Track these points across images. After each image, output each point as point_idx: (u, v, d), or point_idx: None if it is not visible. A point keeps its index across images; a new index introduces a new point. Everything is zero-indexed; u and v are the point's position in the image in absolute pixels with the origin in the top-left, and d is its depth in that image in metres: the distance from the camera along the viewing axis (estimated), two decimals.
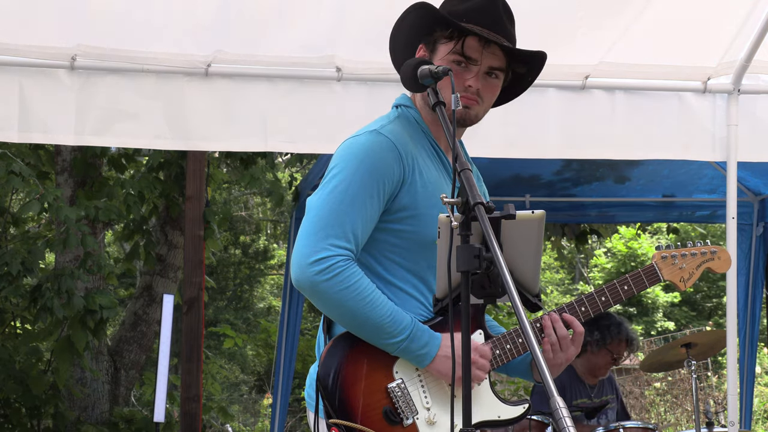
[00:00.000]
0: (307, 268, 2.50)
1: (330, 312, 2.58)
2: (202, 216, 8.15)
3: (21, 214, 8.51)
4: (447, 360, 2.56)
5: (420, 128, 2.73)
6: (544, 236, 2.46)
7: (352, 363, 2.58)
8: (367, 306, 2.52)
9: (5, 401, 8.62)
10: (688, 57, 4.55)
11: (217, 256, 15.50)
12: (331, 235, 2.52)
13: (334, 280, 2.49)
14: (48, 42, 4.19)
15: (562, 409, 1.92)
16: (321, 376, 2.56)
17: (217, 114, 4.41)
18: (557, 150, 4.73)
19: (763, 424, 14.65)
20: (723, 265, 2.93)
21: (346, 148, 2.65)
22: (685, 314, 22.65)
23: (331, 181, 2.60)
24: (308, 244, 2.52)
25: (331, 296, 2.51)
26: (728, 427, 4.57)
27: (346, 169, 2.59)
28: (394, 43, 2.82)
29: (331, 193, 2.57)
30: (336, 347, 2.60)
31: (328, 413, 2.55)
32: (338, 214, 2.54)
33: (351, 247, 2.54)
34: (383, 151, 2.59)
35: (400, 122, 2.70)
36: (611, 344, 5.86)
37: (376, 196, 2.57)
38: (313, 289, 2.51)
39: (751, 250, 7.33)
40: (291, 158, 9.21)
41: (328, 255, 2.50)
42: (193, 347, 7.96)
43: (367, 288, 2.53)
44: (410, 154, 2.63)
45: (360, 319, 2.53)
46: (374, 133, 2.63)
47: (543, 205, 7.63)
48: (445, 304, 2.37)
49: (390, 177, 2.58)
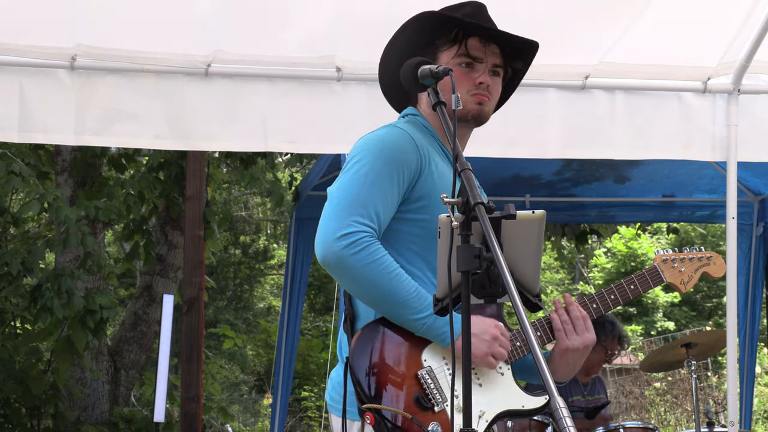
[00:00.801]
0: (334, 243, 2.53)
1: (356, 286, 2.58)
2: (202, 216, 8.15)
3: (21, 214, 8.51)
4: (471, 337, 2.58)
5: (429, 132, 2.81)
6: (544, 236, 2.46)
7: (381, 351, 2.60)
8: (393, 280, 2.54)
9: (5, 401, 8.62)
10: (688, 57, 4.55)
11: (217, 256, 15.50)
12: (355, 213, 2.56)
13: (361, 254, 2.52)
14: (48, 42, 4.19)
15: (562, 409, 1.92)
16: (352, 364, 2.58)
17: (217, 114, 4.40)
18: (557, 150, 4.73)
19: (763, 424, 14.65)
20: (718, 270, 3.10)
21: (364, 141, 2.72)
22: (685, 314, 22.64)
23: (352, 168, 2.65)
24: (333, 222, 2.56)
25: (358, 270, 2.53)
26: (728, 427, 4.57)
27: (366, 157, 2.65)
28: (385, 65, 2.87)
29: (353, 177, 2.62)
30: (364, 337, 2.62)
31: (360, 399, 2.56)
32: (360, 195, 2.59)
33: (374, 225, 2.58)
34: (401, 141, 2.67)
35: (411, 125, 2.79)
36: (605, 341, 6.01)
37: (396, 182, 2.63)
38: (340, 264, 2.53)
39: (751, 250, 7.34)
40: (291, 158, 9.22)
41: (354, 230, 2.54)
42: (193, 347, 7.96)
43: (392, 263, 2.56)
44: (425, 147, 2.71)
45: (386, 293, 2.55)
46: (391, 127, 2.73)
47: (543, 205, 7.63)
48: (445, 304, 2.37)
49: (408, 165, 2.65)
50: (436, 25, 2.79)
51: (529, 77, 4.55)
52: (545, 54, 4.48)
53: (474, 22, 2.76)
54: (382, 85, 2.93)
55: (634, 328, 21.40)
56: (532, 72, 4.55)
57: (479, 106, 2.78)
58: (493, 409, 2.64)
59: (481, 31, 2.79)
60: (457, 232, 2.18)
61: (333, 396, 2.68)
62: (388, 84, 2.91)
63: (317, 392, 13.48)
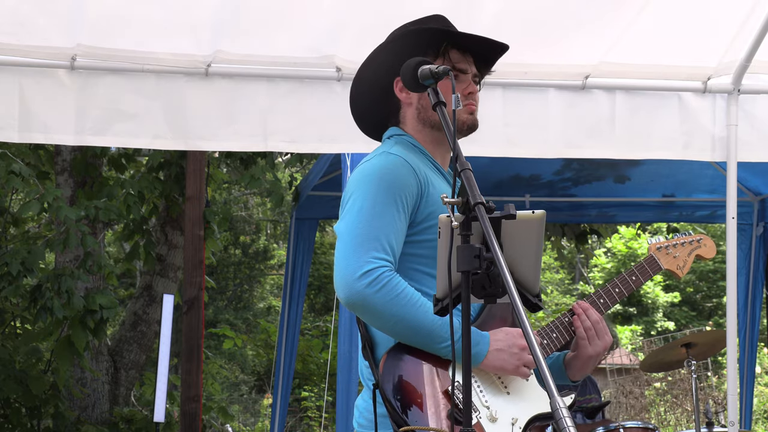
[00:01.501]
0: (356, 283, 2.54)
1: (383, 323, 2.60)
2: (202, 216, 8.15)
3: (21, 214, 8.51)
4: (499, 353, 2.64)
5: (418, 150, 2.81)
6: (544, 236, 2.46)
7: (409, 373, 2.62)
8: (418, 312, 2.56)
9: (5, 401, 8.62)
10: (688, 57, 4.55)
11: (217, 256, 15.50)
12: (370, 249, 2.57)
13: (383, 290, 2.54)
14: (48, 42, 4.18)
15: (562, 409, 1.92)
16: (383, 390, 2.60)
17: (217, 114, 4.40)
18: (557, 150, 4.73)
19: (763, 424, 14.66)
20: (709, 251, 3.18)
21: (359, 174, 2.72)
22: (685, 314, 22.65)
23: (354, 204, 2.66)
24: (351, 262, 2.57)
25: (384, 306, 2.54)
26: (728, 427, 4.57)
27: (366, 190, 2.65)
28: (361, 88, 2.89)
29: (359, 213, 2.63)
30: (390, 362, 2.64)
31: (396, 422, 2.59)
32: (371, 230, 2.60)
33: (390, 258, 2.60)
34: (398, 167, 2.67)
35: (401, 146, 2.79)
36: None
37: (401, 210, 2.64)
38: (365, 303, 2.55)
39: (751, 250, 7.34)
40: (291, 158, 9.22)
41: (373, 267, 2.55)
42: (193, 347, 7.97)
43: (414, 294, 2.58)
44: (420, 169, 2.72)
45: (413, 326, 2.57)
46: (384, 155, 2.72)
47: (543, 205, 7.63)
48: (445, 304, 2.37)
49: (409, 190, 2.66)
50: (422, 41, 2.80)
51: (529, 77, 4.60)
52: (545, 54, 4.52)
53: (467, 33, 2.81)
54: (357, 111, 2.94)
55: (634, 328, 21.40)
56: (532, 72, 4.59)
57: (471, 116, 2.82)
58: (525, 415, 2.67)
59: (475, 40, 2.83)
60: (457, 232, 2.18)
61: (362, 422, 2.70)
62: (364, 106, 2.92)
63: (317, 392, 13.48)
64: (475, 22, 4.24)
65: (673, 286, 23.33)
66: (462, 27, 2.97)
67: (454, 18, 4.33)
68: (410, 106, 2.84)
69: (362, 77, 2.90)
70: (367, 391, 2.72)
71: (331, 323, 9.99)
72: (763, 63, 4.53)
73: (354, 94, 2.93)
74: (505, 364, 2.63)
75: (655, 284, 22.78)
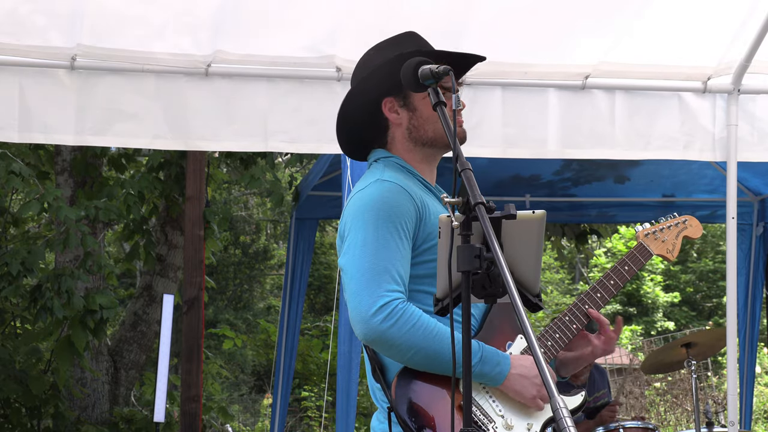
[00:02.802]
0: (371, 320, 2.55)
1: (402, 356, 2.61)
2: (202, 216, 8.15)
3: (21, 214, 8.51)
4: (521, 378, 2.65)
5: (407, 171, 2.81)
6: (544, 236, 2.46)
7: (422, 392, 2.63)
8: (435, 339, 2.57)
9: (5, 401, 8.62)
10: (688, 57, 4.55)
11: (217, 256, 15.50)
12: (382, 282, 2.58)
13: (399, 323, 2.55)
14: (48, 42, 4.18)
15: (562, 409, 1.92)
16: (398, 411, 2.61)
17: (217, 114, 4.40)
18: (557, 150, 4.73)
19: (763, 424, 14.65)
20: (695, 231, 3.21)
21: (356, 205, 2.71)
22: (685, 314, 22.65)
23: (357, 237, 2.65)
24: (364, 299, 2.57)
25: (401, 339, 2.56)
26: (728, 427, 4.57)
27: (366, 222, 2.65)
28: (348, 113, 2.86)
29: (363, 247, 2.63)
30: (402, 382, 2.65)
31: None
32: (378, 262, 2.60)
33: (401, 288, 2.61)
34: (394, 194, 2.67)
35: (392, 170, 2.78)
36: None
37: (404, 237, 2.65)
38: (383, 338, 2.56)
39: (751, 250, 7.34)
40: (291, 158, 9.21)
41: (387, 301, 2.56)
42: (193, 347, 7.97)
43: (429, 322, 2.58)
44: (415, 193, 2.73)
45: (432, 355, 2.58)
46: (378, 183, 2.71)
47: (543, 205, 7.63)
48: (445, 304, 2.37)
49: (408, 216, 2.66)
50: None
51: (529, 77, 4.60)
52: (545, 54, 4.52)
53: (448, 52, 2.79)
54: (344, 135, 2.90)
55: (634, 328, 21.40)
56: (532, 72, 4.59)
57: (461, 128, 2.79)
58: (540, 420, 2.68)
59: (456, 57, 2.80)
60: (458, 232, 2.18)
61: None
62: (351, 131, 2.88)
63: (317, 392, 13.48)
64: (475, 21, 4.25)
65: (673, 286, 23.33)
66: (462, 26, 2.97)
67: (453, 16, 4.35)
68: (399, 127, 2.82)
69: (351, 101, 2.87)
70: (381, 413, 2.72)
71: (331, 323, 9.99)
72: (763, 63, 4.54)
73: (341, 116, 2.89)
74: (525, 391, 2.64)
75: (655, 284, 22.78)
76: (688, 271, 23.71)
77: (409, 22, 4.03)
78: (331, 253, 19.06)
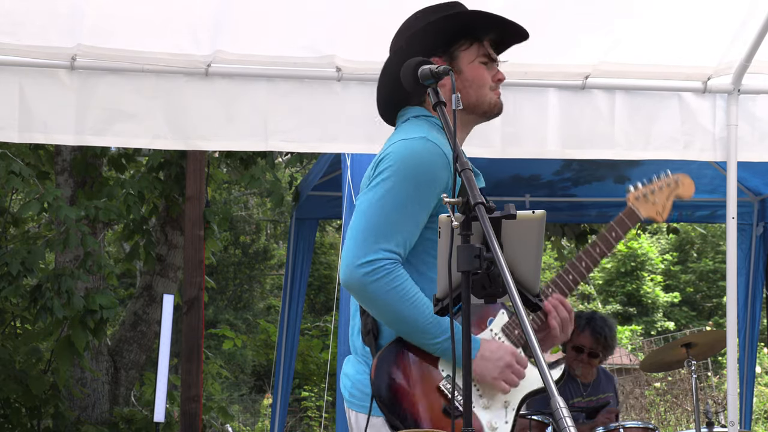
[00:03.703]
0: (356, 270, 2.61)
1: (377, 311, 2.68)
2: (202, 216, 8.15)
3: (21, 214, 8.51)
4: (483, 361, 2.69)
5: (444, 134, 2.79)
6: (544, 236, 2.47)
7: (401, 373, 2.68)
8: (411, 307, 2.62)
9: (5, 401, 8.62)
10: (688, 57, 4.55)
11: (217, 256, 15.50)
12: (380, 239, 2.63)
13: (381, 281, 2.60)
14: (48, 42, 4.18)
15: (562, 409, 1.92)
16: (377, 392, 2.66)
17: (217, 114, 4.40)
18: (557, 150, 4.73)
19: (763, 424, 14.65)
20: (687, 189, 3.17)
21: (397, 153, 2.71)
22: (685, 314, 22.66)
23: (383, 184, 2.68)
24: (358, 247, 2.63)
25: (379, 297, 2.61)
26: (728, 427, 4.57)
27: (397, 175, 2.67)
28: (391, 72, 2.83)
29: (383, 198, 2.66)
30: (382, 363, 2.70)
31: (394, 426, 2.65)
32: (388, 220, 2.65)
33: (399, 251, 2.65)
34: (435, 159, 2.69)
35: (435, 130, 2.79)
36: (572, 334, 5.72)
37: (425, 205, 2.68)
38: (362, 290, 2.62)
39: (751, 250, 7.34)
40: (291, 158, 9.21)
41: (377, 258, 2.61)
42: (193, 347, 7.97)
43: (411, 290, 2.63)
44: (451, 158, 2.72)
45: (404, 319, 2.63)
46: (424, 140, 2.72)
47: (543, 205, 7.63)
48: (445, 304, 2.37)
49: (440, 185, 2.69)
50: (458, 24, 2.83)
51: (529, 77, 4.60)
52: (545, 54, 4.51)
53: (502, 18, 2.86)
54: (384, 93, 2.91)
55: (634, 328, 21.41)
56: (532, 72, 4.58)
57: (500, 100, 2.89)
58: (516, 396, 2.73)
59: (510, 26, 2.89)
60: (458, 232, 2.18)
61: (354, 393, 2.76)
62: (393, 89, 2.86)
63: (317, 392, 13.48)
64: None
65: (673, 286, 23.34)
66: None
67: None
68: (443, 87, 2.76)
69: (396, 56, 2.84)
70: (358, 363, 2.78)
71: (331, 323, 9.99)
72: (763, 63, 4.53)
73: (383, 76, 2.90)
74: (486, 373, 2.68)
75: (655, 284, 22.80)
76: (688, 271, 23.73)
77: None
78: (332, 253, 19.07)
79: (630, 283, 23.08)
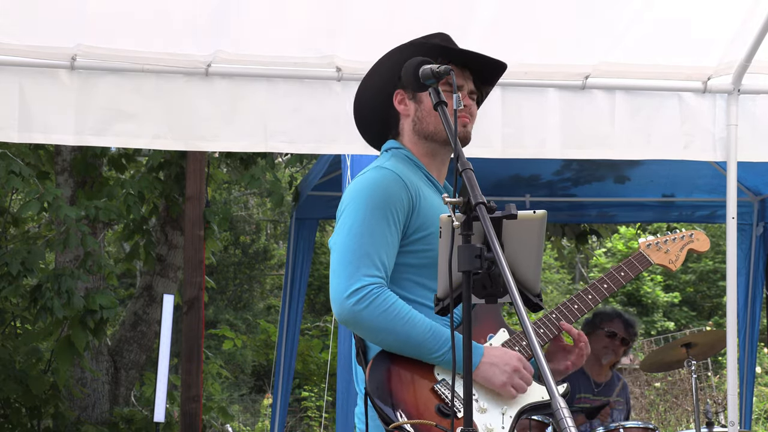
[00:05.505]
0: (345, 302, 2.62)
1: (374, 337, 2.68)
2: (202, 216, 8.15)
3: (21, 214, 8.51)
4: (491, 366, 2.68)
5: (413, 163, 2.88)
6: (545, 236, 2.47)
7: (395, 375, 2.68)
8: (406, 325, 2.63)
9: (5, 401, 8.62)
10: (688, 57, 4.55)
11: (217, 256, 15.49)
12: (361, 267, 2.64)
13: (371, 306, 2.61)
14: (48, 42, 4.18)
15: (563, 410, 1.92)
16: (371, 394, 2.66)
17: (217, 114, 4.40)
18: (557, 150, 4.73)
19: (763, 424, 14.65)
20: (702, 245, 3.20)
21: (354, 188, 2.78)
22: (685, 314, 22.64)
23: (347, 219, 2.72)
24: (342, 281, 2.65)
25: (372, 322, 2.62)
26: (728, 427, 4.57)
27: (358, 206, 2.72)
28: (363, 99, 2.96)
29: (351, 229, 2.70)
30: (376, 366, 2.70)
31: (386, 421, 2.63)
32: (362, 247, 2.66)
33: (381, 274, 2.66)
34: (389, 182, 2.73)
35: (396, 159, 2.85)
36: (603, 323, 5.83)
37: (393, 225, 2.70)
38: (355, 320, 2.63)
39: (751, 250, 7.34)
40: (291, 158, 9.21)
41: (362, 285, 2.62)
42: (193, 347, 7.97)
43: (403, 308, 2.64)
44: (413, 183, 2.78)
45: (402, 339, 2.64)
46: (378, 169, 2.78)
47: (543, 205, 7.63)
48: (446, 304, 2.38)
49: (400, 205, 2.71)
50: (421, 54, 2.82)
51: (529, 77, 4.60)
52: (545, 54, 4.52)
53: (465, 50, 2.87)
54: (360, 119, 3.00)
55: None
56: (532, 72, 4.58)
57: (464, 129, 2.86)
58: (515, 407, 2.71)
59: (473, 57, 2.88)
60: (458, 232, 2.18)
61: (360, 428, 2.76)
62: (366, 117, 2.98)
63: (317, 392, 13.48)
64: (475, 21, 4.25)
65: (673, 286, 23.33)
66: (462, 26, 2.99)
67: (453, 17, 4.35)
68: (407, 118, 2.89)
69: (364, 89, 2.96)
70: (360, 397, 2.78)
71: (331, 323, 9.99)
72: (763, 63, 4.53)
73: (357, 106, 2.99)
74: (494, 379, 2.67)
75: (655, 284, 22.78)
76: (688, 271, 23.71)
77: (410, 22, 4.04)
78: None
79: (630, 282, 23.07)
